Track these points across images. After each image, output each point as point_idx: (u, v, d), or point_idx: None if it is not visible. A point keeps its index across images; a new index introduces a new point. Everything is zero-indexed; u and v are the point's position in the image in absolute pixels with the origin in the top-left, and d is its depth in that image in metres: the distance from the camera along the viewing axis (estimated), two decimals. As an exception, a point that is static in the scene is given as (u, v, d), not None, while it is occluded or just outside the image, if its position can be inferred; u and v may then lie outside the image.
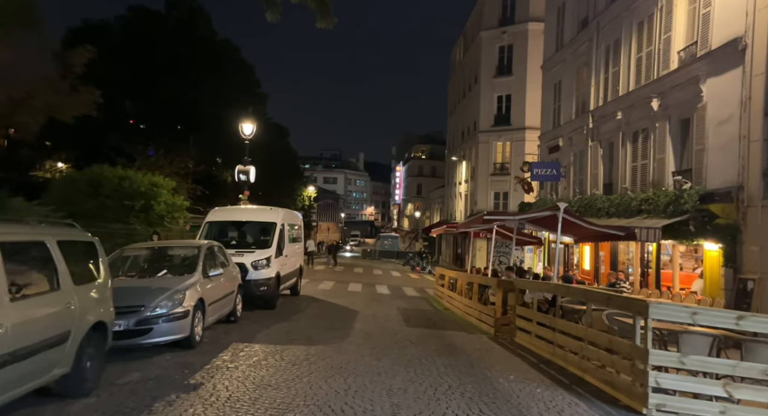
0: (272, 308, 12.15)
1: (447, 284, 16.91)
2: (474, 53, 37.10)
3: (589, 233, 12.35)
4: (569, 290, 8.42)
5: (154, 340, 6.73)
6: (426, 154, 77.52)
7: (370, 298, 16.72)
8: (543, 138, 23.19)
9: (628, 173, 15.36)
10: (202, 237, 12.60)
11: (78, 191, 17.80)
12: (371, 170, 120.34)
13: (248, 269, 11.48)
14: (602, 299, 7.10)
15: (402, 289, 21.32)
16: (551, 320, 8.57)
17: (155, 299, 6.82)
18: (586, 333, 7.25)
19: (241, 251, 11.97)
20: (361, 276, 26.86)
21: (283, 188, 42.00)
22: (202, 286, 7.87)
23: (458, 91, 43.57)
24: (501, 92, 33.69)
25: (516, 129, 32.56)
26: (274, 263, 12.21)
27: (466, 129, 39.61)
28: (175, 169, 24.42)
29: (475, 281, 12.92)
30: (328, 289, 18.80)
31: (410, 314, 13.37)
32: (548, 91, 22.67)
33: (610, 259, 16.07)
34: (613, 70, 16.69)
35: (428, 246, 51.17)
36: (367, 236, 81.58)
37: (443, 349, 8.78)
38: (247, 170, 21.71)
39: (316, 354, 7.72)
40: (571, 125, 19.89)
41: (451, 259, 40.69)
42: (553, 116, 21.92)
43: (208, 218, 13.32)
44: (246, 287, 11.31)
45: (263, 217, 13.31)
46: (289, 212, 15.26)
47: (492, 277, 13.27)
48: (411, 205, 76.08)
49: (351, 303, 14.70)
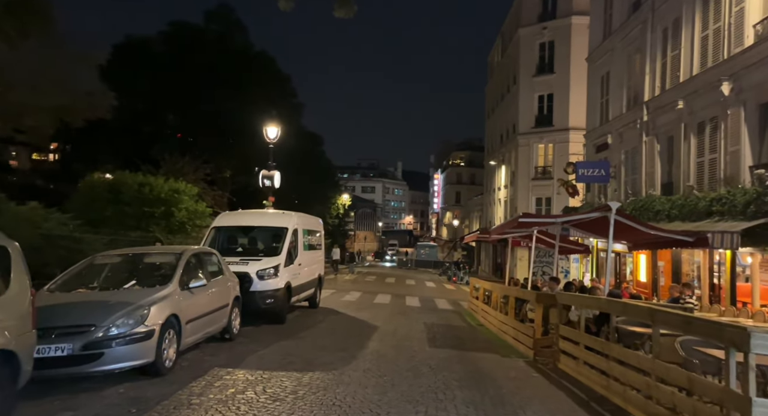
0: (281, 323, 10.87)
1: (482, 297, 15.23)
2: (512, 53, 35.27)
3: (647, 239, 10.47)
4: (628, 309, 6.69)
5: (106, 368, 5.50)
6: (464, 161, 75.52)
7: (396, 311, 15.24)
8: (589, 136, 21.17)
9: (693, 169, 13.30)
10: (207, 244, 11.51)
11: (98, 198, 17.33)
12: (409, 179, 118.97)
13: (253, 279, 10.25)
14: (677, 323, 5.38)
15: (434, 301, 19.73)
16: (604, 345, 6.87)
17: (110, 316, 5.60)
18: (653, 365, 5.55)
19: (246, 259, 10.77)
20: (392, 287, 25.39)
21: (317, 196, 41.34)
22: (179, 300, 6.63)
23: (496, 93, 41.70)
24: (542, 92, 31.69)
25: (559, 130, 30.46)
26: (284, 273, 10.95)
27: (504, 132, 37.68)
28: (200, 175, 23.82)
29: (511, 294, 11.24)
30: (353, 301, 17.44)
31: (437, 330, 11.80)
32: (594, 85, 20.65)
33: (672, 269, 13.99)
34: (672, 53, 14.68)
35: (467, 256, 49.23)
36: (406, 246, 79.86)
37: (468, 378, 7.20)
38: (272, 175, 20.72)
39: (308, 384, 6.32)
40: (621, 120, 17.87)
41: (490, 269, 38.65)
42: (601, 112, 19.90)
43: (214, 223, 12.25)
44: (250, 300, 10.08)
45: (273, 222, 12.11)
46: (306, 217, 14.04)
47: (531, 290, 11.56)
48: (449, 213, 74.11)
49: (373, 317, 13.27)
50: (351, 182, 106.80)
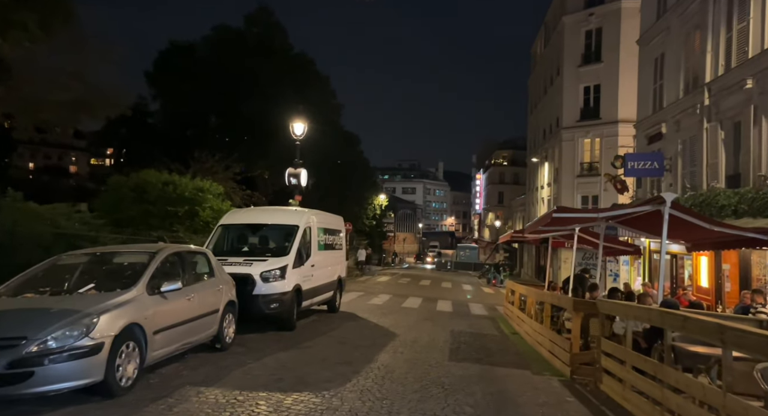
0: (289, 330, 9.91)
1: (517, 302, 13.82)
2: (556, 42, 33.28)
3: (710, 238, 8.87)
4: (689, 324, 5.25)
5: (38, 390, 4.58)
6: (507, 160, 73.11)
7: (423, 317, 14.06)
8: (640, 127, 19.22)
9: (765, 158, 11.44)
10: (212, 243, 10.71)
11: (124, 198, 17.08)
12: (451, 180, 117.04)
13: (256, 281, 9.33)
14: (758, 345, 3.98)
15: (468, 306, 18.38)
16: (657, 367, 5.49)
17: (46, 328, 4.72)
18: (723, 401, 4.17)
19: (251, 259, 9.87)
20: (425, 289, 24.14)
21: (354, 196, 40.62)
22: (144, 306, 5.73)
23: (538, 87, 39.65)
24: (588, 83, 29.61)
25: (607, 123, 28.33)
26: (292, 275, 9.99)
27: (547, 127, 35.65)
28: (229, 175, 23.44)
29: (546, 300, 9.85)
30: (380, 304, 16.35)
31: (463, 340, 10.54)
32: (646, 70, 18.70)
33: (739, 274, 12.13)
34: (739, 26, 12.82)
35: (509, 257, 47.22)
36: (447, 248, 78.05)
37: (486, 404, 5.96)
38: (298, 173, 19.91)
39: (287, 409, 5.27)
40: (677, 106, 15.96)
41: (533, 272, 36.68)
42: (654, 99, 17.97)
43: (222, 220, 11.44)
44: (252, 304, 9.18)
45: (283, 219, 11.17)
46: (323, 215, 13.08)
47: (570, 296, 10.13)
48: (492, 214, 71.82)
49: (395, 324, 12.15)
50: (391, 183, 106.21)
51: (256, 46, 30.15)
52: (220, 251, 10.24)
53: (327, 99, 35.27)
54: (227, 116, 29.92)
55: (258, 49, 29.85)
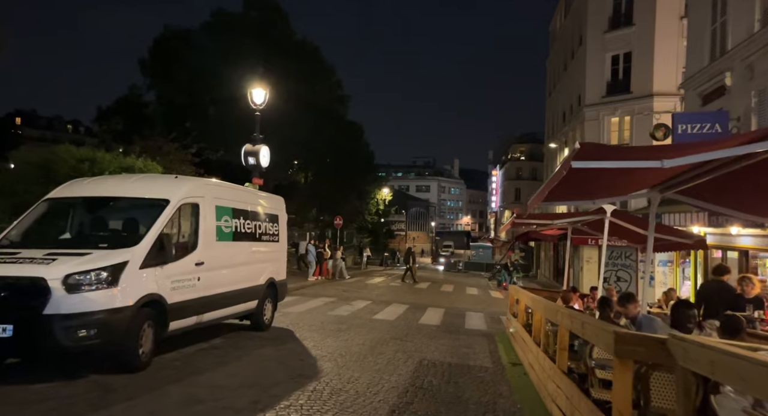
0: (131, 372, 5.97)
1: (522, 316, 9.71)
2: (579, 8, 28.83)
3: None
4: None
5: None
6: (524, 154, 68.52)
7: (392, 335, 10.06)
8: (690, 84, 14.75)
9: None
10: (19, 227, 6.81)
11: (25, 178, 13.54)
12: (467, 178, 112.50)
13: (51, 290, 5.39)
14: None
15: (465, 316, 14.32)
16: None
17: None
18: None
19: (58, 252, 5.90)
20: (419, 294, 20.02)
21: (352, 189, 36.79)
22: None
23: (558, 64, 35.17)
24: (616, 51, 25.08)
25: (639, 97, 23.83)
26: (139, 278, 6.05)
27: (568, 108, 31.17)
28: (181, 156, 19.85)
29: (561, 323, 5.66)
30: (344, 315, 12.35)
31: (427, 383, 6.51)
32: (700, 8, 14.24)
33: None
34: None
35: (525, 257, 42.76)
36: (462, 248, 73.41)
37: None
38: (257, 150, 16.16)
39: None
40: (749, 47, 11.54)
41: (550, 274, 32.28)
42: (712, 43, 13.51)
43: (51, 193, 7.45)
44: (39, 331, 5.32)
45: (143, 191, 7.15)
46: (236, 189, 9.14)
47: (600, 318, 6.03)
48: (508, 212, 67.22)
49: (339, 350, 8.19)
50: (405, 181, 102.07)
51: (256, 31, 28.48)
52: (19, 239, 6.38)
53: (333, 89, 33.29)
54: (225, 107, 27.66)
55: (258, 34, 28.29)
